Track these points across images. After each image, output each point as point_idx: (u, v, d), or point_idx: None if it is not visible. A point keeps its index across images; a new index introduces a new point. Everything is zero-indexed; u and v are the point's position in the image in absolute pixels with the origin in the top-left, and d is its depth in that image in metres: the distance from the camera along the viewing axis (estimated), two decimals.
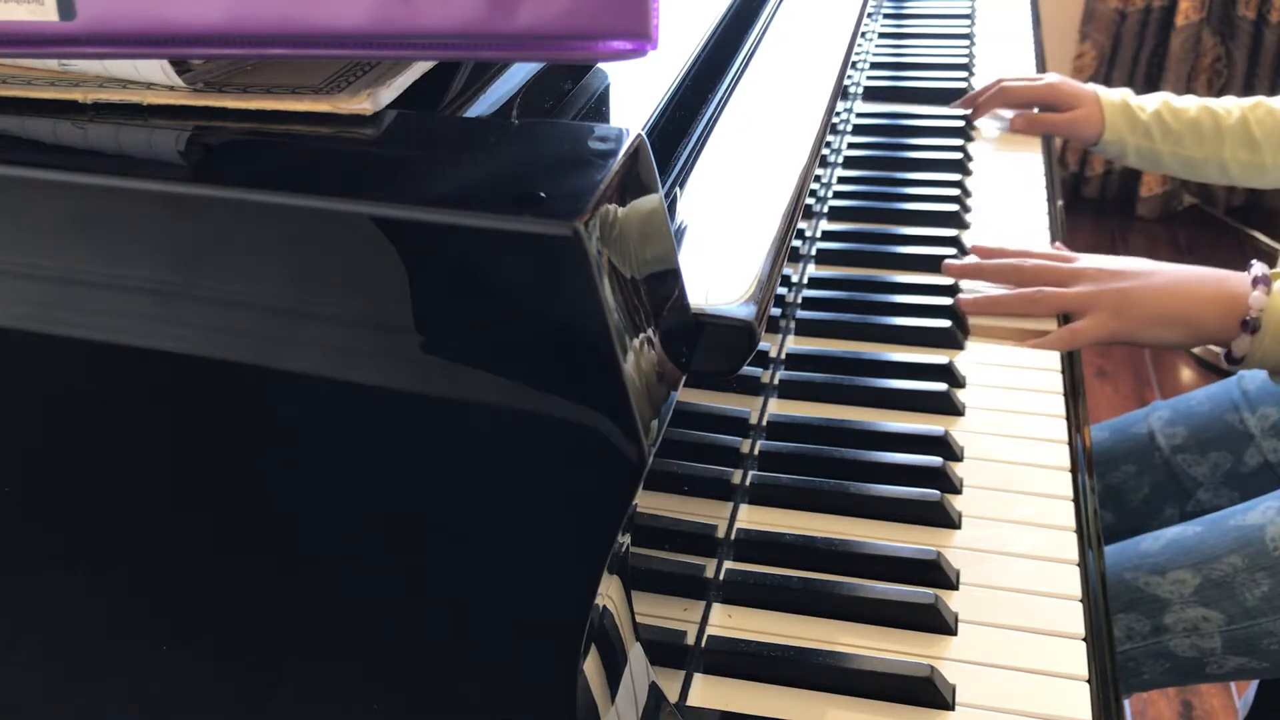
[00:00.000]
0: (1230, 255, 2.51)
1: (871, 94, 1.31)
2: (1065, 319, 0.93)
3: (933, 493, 0.74)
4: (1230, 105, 1.16)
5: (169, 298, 0.43)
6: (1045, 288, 0.93)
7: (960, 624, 0.66)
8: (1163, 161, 1.20)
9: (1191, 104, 1.17)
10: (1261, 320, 0.86)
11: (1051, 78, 1.24)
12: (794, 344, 0.90)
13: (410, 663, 0.45)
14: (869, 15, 1.36)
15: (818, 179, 1.05)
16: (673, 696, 0.61)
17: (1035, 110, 1.25)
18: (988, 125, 1.28)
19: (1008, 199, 1.13)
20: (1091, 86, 1.22)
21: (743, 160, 0.59)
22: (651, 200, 0.43)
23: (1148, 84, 2.52)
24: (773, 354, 0.86)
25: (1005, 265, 0.95)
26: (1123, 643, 0.91)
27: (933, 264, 1.01)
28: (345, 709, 0.47)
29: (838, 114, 1.13)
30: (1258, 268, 0.90)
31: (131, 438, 0.46)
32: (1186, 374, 2.23)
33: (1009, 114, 1.27)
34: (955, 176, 1.14)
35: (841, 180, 1.14)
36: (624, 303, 0.40)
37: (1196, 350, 2.24)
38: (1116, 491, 1.10)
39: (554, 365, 0.40)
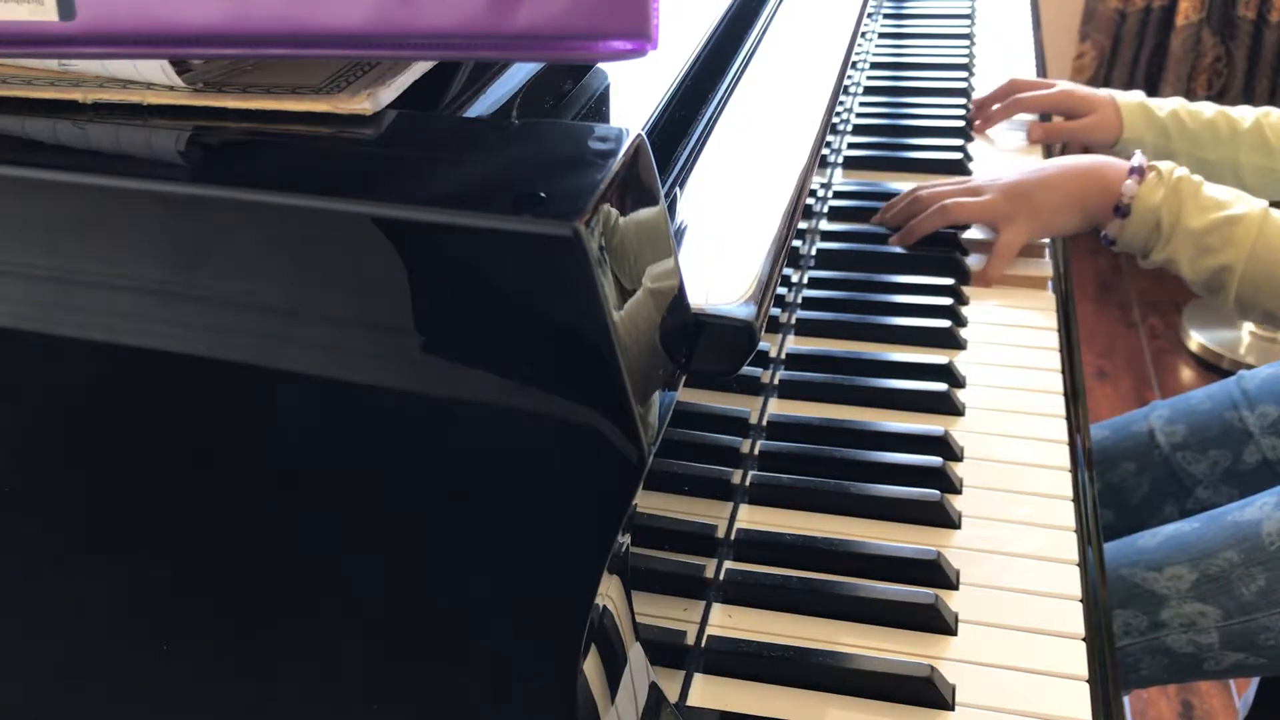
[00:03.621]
0: None
1: (871, 94, 1.31)
2: None
3: (933, 492, 0.74)
4: (1244, 111, 1.16)
5: (169, 298, 0.43)
6: (955, 199, 1.02)
7: (960, 624, 0.66)
8: (1178, 165, 1.19)
9: (1206, 108, 1.17)
10: (1132, 207, 0.96)
11: (1064, 85, 1.22)
12: (794, 344, 0.90)
13: (410, 662, 0.45)
14: (869, 15, 1.36)
15: (818, 179, 1.05)
16: (673, 696, 0.61)
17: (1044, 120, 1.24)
18: (990, 132, 1.27)
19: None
20: (1106, 91, 1.21)
21: (743, 160, 0.59)
22: (652, 200, 0.43)
23: (1148, 84, 2.52)
24: (773, 354, 0.86)
25: (908, 197, 1.05)
26: (1120, 638, 0.92)
27: (933, 264, 1.01)
28: (345, 709, 0.47)
29: (838, 114, 1.13)
30: (1138, 157, 0.98)
31: (132, 438, 0.46)
32: (1186, 374, 2.23)
33: (1027, 117, 1.26)
34: (955, 177, 1.14)
35: (842, 180, 1.14)
36: (624, 303, 0.40)
37: (1196, 350, 2.25)
38: (1116, 490, 1.11)
39: (554, 365, 0.40)
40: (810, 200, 1.00)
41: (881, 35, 1.46)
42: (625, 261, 0.40)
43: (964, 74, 1.34)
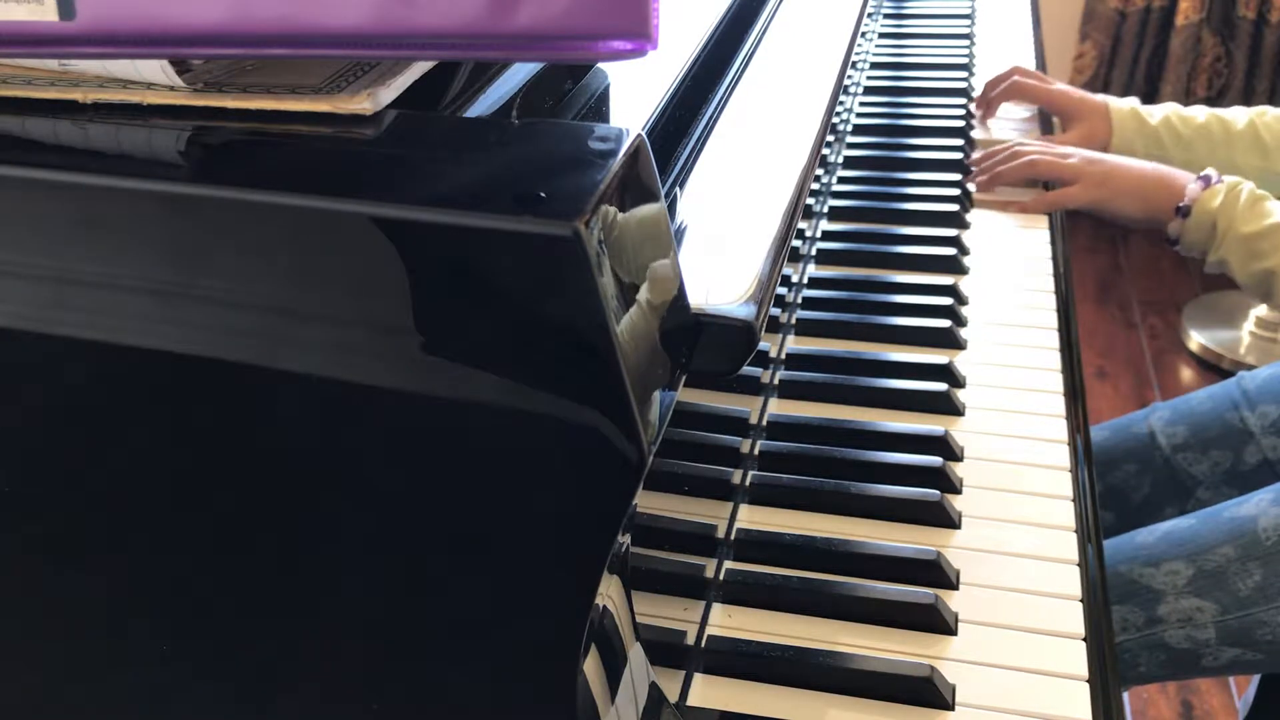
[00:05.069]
0: None
1: (872, 94, 1.31)
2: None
3: (933, 493, 0.74)
4: (1237, 113, 1.17)
5: (169, 298, 0.43)
6: (1043, 156, 1.12)
7: (960, 624, 0.66)
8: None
9: (1199, 112, 1.19)
10: (1192, 209, 1.04)
11: (1061, 86, 1.25)
12: (794, 344, 0.90)
13: (410, 663, 0.45)
14: (869, 15, 1.36)
15: (818, 179, 1.06)
16: (673, 696, 0.61)
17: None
18: (991, 125, 1.28)
19: (1008, 199, 1.14)
20: (1101, 97, 1.23)
21: (743, 160, 0.59)
22: (651, 200, 0.43)
23: (1148, 84, 2.52)
24: (773, 354, 0.86)
25: (1009, 147, 1.15)
26: (1118, 634, 0.92)
27: (933, 264, 1.01)
28: (345, 709, 0.47)
29: (838, 114, 1.13)
30: (1210, 170, 1.06)
31: (132, 438, 0.46)
32: (1186, 374, 2.23)
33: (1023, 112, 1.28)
34: (955, 176, 1.14)
35: (841, 180, 1.14)
36: (624, 303, 0.40)
37: (1196, 350, 2.25)
38: (1117, 491, 1.11)
39: (554, 365, 0.40)
40: (810, 200, 1.00)
41: (881, 35, 1.46)
42: (625, 261, 0.40)
43: (964, 74, 1.34)
